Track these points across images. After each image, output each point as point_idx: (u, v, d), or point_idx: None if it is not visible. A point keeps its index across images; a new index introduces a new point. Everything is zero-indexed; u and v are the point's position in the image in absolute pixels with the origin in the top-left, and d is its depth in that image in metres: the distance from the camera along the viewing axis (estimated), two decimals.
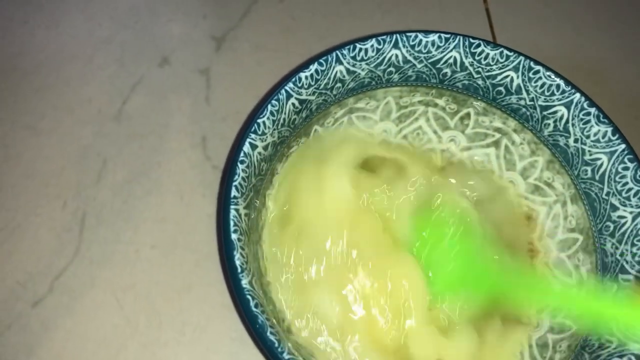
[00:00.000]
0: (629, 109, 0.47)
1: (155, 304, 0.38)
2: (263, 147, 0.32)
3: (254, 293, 0.28)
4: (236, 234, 0.29)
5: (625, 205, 0.33)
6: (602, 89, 0.47)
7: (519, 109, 0.37)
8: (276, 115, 0.33)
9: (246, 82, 0.46)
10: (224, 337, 0.37)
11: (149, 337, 0.37)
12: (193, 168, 0.42)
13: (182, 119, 0.44)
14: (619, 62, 0.50)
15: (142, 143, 0.43)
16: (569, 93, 0.35)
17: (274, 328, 0.28)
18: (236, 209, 0.30)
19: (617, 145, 0.34)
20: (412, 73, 0.37)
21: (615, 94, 0.48)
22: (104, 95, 0.45)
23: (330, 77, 0.34)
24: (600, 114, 0.34)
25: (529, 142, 0.38)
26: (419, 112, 0.40)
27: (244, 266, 0.29)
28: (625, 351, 0.29)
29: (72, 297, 0.38)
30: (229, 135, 0.43)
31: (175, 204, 0.41)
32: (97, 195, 0.41)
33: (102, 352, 0.36)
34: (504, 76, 0.36)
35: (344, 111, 0.38)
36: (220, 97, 0.45)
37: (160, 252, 0.39)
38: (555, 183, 0.37)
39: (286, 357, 0.27)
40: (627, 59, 0.50)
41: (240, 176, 0.30)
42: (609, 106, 0.35)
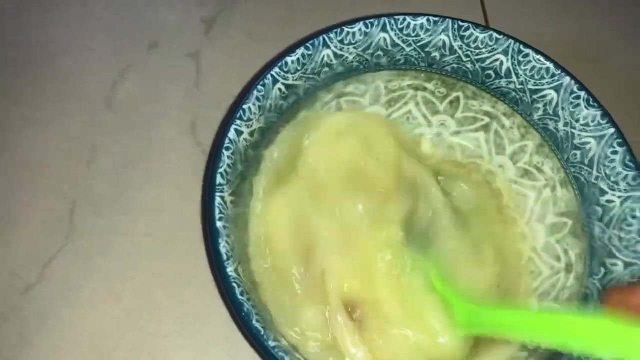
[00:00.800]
0: (628, 95, 0.47)
1: (154, 295, 0.37)
2: (249, 134, 0.32)
3: (240, 281, 0.28)
4: (222, 222, 0.29)
5: (613, 189, 0.33)
6: (600, 74, 0.47)
7: (509, 93, 0.36)
8: (262, 101, 0.32)
9: (237, 66, 0.45)
10: (223, 330, 0.36)
11: (148, 329, 0.36)
12: (183, 155, 0.42)
13: (171, 104, 0.44)
14: (618, 48, 0.49)
15: (132, 129, 0.43)
16: (559, 76, 0.34)
17: (260, 316, 0.28)
18: (222, 197, 0.29)
19: (606, 129, 0.33)
20: (401, 57, 0.36)
21: (613, 79, 0.47)
22: (93, 81, 0.44)
23: (317, 61, 0.34)
24: (590, 97, 0.34)
25: (519, 126, 0.37)
26: (408, 97, 0.39)
27: (229, 254, 0.28)
28: None
29: (67, 287, 0.37)
30: (219, 121, 0.43)
31: (168, 193, 0.41)
32: (87, 183, 0.41)
33: (100, 344, 0.36)
34: (494, 60, 0.35)
35: (333, 96, 0.37)
36: (210, 82, 0.45)
37: (156, 242, 0.39)
38: (545, 167, 0.37)
39: (271, 345, 0.27)
40: (626, 44, 0.49)
41: (226, 163, 0.30)
42: (608, 91, 0.34)
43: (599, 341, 0.25)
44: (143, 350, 0.36)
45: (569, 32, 0.50)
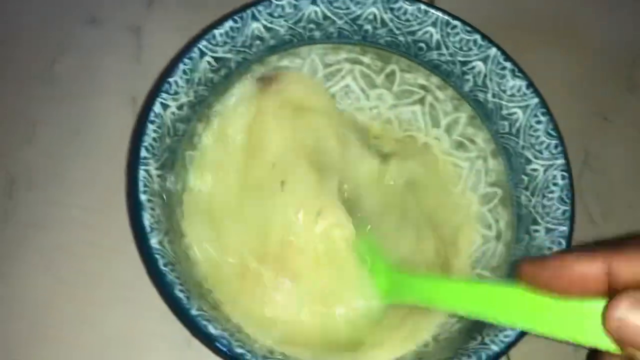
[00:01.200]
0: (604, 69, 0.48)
1: (88, 264, 0.38)
2: (177, 107, 0.32)
3: (164, 252, 0.29)
4: (146, 195, 0.29)
5: (537, 158, 0.34)
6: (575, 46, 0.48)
7: (440, 65, 0.37)
8: (190, 74, 0.32)
9: (179, 40, 0.45)
10: (156, 295, 0.37)
11: (83, 297, 0.37)
12: (124, 128, 0.42)
13: (111, 78, 0.43)
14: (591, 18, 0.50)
15: (72, 104, 0.43)
16: (485, 47, 0.35)
17: (184, 285, 0.28)
18: (146, 170, 0.30)
19: (531, 99, 0.34)
20: (334, 30, 0.36)
21: (588, 50, 0.48)
22: (31, 56, 0.44)
23: (247, 34, 0.34)
24: (515, 68, 0.34)
25: (452, 98, 0.38)
26: (345, 70, 0.40)
27: (153, 226, 0.29)
28: (482, 349, 0.30)
29: (2, 261, 0.38)
30: None
31: (106, 165, 0.41)
32: (26, 158, 0.41)
33: (35, 314, 0.37)
34: (424, 32, 0.36)
35: (268, 69, 0.38)
36: (151, 55, 0.44)
37: (92, 213, 0.39)
38: (477, 139, 0.38)
39: (194, 313, 0.27)
40: (598, 13, 0.50)
41: (151, 136, 0.30)
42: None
43: (516, 311, 0.26)
44: (78, 318, 0.36)
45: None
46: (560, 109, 0.35)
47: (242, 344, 0.27)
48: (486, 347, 0.29)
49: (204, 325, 0.27)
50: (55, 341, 0.36)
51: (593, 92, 0.47)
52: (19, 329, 0.36)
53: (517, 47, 0.37)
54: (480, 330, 0.30)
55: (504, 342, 0.28)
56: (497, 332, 0.29)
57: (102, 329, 0.36)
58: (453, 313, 0.33)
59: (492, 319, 0.27)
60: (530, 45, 0.47)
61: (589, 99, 0.47)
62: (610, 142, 0.46)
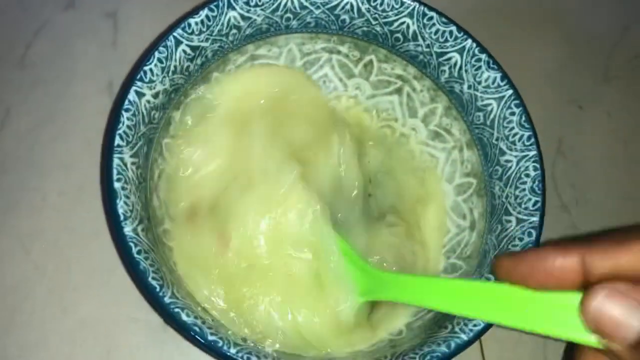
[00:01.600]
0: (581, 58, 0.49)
1: (63, 249, 0.38)
2: (152, 95, 0.32)
3: (138, 240, 0.29)
4: (120, 183, 0.29)
5: (511, 149, 0.34)
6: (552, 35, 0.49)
7: (417, 56, 0.37)
8: (165, 62, 0.32)
9: (156, 26, 0.44)
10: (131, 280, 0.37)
11: (58, 282, 0.37)
12: (99, 114, 0.41)
13: (88, 64, 0.43)
14: (569, 7, 0.50)
15: (47, 89, 0.42)
16: (461, 39, 0.35)
17: (157, 273, 0.28)
18: (120, 158, 0.30)
19: (505, 90, 0.35)
20: (311, 19, 0.36)
21: (565, 39, 0.49)
22: (6, 41, 0.43)
23: (223, 23, 0.34)
24: (490, 59, 0.35)
25: (429, 88, 0.38)
26: (323, 60, 0.40)
27: (127, 214, 0.29)
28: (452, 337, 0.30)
29: None
30: None
31: (81, 150, 0.40)
32: (1, 143, 0.40)
33: (9, 299, 0.36)
34: (400, 22, 0.36)
35: (245, 58, 0.37)
36: (127, 40, 0.44)
37: (67, 199, 0.39)
38: (453, 129, 0.38)
39: (167, 301, 0.28)
40: (577, 2, 0.51)
41: (125, 124, 0.30)
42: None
43: (491, 306, 0.27)
44: (53, 302, 0.36)
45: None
46: (535, 96, 0.36)
47: (215, 332, 0.28)
48: (456, 335, 0.29)
49: (176, 313, 0.27)
50: (30, 326, 0.36)
51: (569, 81, 0.48)
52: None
53: (495, 35, 0.38)
54: (451, 319, 0.31)
55: (473, 331, 0.29)
56: (467, 321, 0.30)
57: (77, 314, 0.36)
58: (427, 309, 0.34)
59: (467, 314, 0.28)
60: (508, 33, 0.48)
61: (565, 88, 0.48)
62: (584, 131, 0.46)
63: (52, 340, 0.36)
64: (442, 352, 0.28)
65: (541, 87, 0.47)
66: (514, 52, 0.45)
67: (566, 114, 0.47)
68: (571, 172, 0.45)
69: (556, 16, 0.50)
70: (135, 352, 0.36)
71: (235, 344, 0.27)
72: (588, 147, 0.46)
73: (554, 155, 0.45)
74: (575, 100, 0.47)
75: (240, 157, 0.36)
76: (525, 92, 0.35)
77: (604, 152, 0.46)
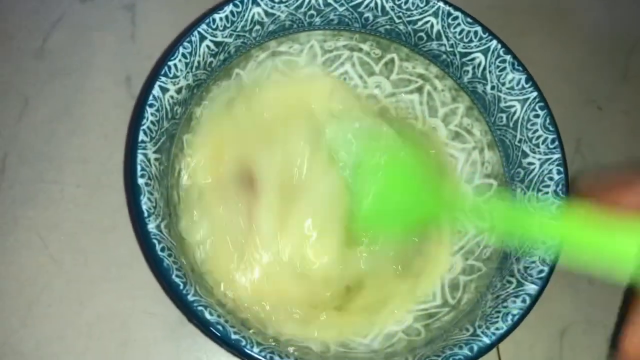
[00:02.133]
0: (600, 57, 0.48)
1: (80, 242, 0.38)
2: (176, 91, 0.32)
3: (161, 237, 0.29)
4: (143, 179, 0.29)
5: (534, 152, 0.34)
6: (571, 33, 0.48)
7: (440, 55, 0.37)
8: (189, 58, 0.32)
9: (174, 19, 0.44)
10: (149, 274, 0.37)
11: (75, 275, 0.37)
12: (117, 107, 0.41)
13: (106, 56, 0.43)
14: (589, 5, 0.50)
15: (65, 81, 0.42)
16: (486, 40, 0.35)
17: (181, 271, 0.28)
18: (144, 154, 0.29)
19: (529, 92, 0.34)
20: (334, 17, 0.36)
21: (585, 38, 0.49)
22: (24, 31, 0.43)
23: (247, 19, 0.34)
24: (515, 61, 0.35)
25: (450, 88, 0.38)
26: (344, 57, 0.39)
27: (151, 210, 0.29)
28: (521, 291, 0.31)
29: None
30: None
31: (99, 144, 0.40)
32: (18, 134, 0.40)
33: (27, 291, 0.36)
34: (424, 22, 0.36)
35: (267, 54, 0.37)
36: (146, 34, 0.44)
37: (84, 192, 0.39)
38: (474, 130, 0.38)
39: (190, 299, 0.28)
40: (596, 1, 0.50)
41: (149, 120, 0.30)
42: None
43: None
44: (69, 295, 0.36)
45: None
46: (553, 96, 0.35)
47: (238, 331, 0.28)
48: (478, 338, 0.29)
49: (200, 311, 0.27)
50: (47, 319, 0.36)
51: (588, 80, 0.48)
52: (11, 307, 0.36)
53: (513, 33, 0.37)
54: (472, 321, 0.31)
55: (496, 334, 0.29)
56: (489, 324, 0.30)
57: (94, 307, 0.36)
58: None
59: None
60: (527, 31, 0.48)
61: (583, 87, 0.47)
62: (603, 131, 0.46)
63: (68, 333, 0.36)
64: (465, 355, 0.28)
65: (560, 86, 0.47)
66: (532, 51, 0.44)
67: (585, 114, 0.47)
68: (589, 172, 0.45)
69: (575, 15, 0.50)
70: (152, 347, 0.36)
71: (258, 343, 0.27)
72: (607, 147, 0.46)
73: (572, 155, 0.44)
74: (594, 100, 0.47)
75: None
76: (543, 91, 0.35)
77: (622, 152, 0.46)
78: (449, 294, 0.36)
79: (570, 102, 0.46)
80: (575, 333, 0.39)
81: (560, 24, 0.49)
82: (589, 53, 0.49)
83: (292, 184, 0.35)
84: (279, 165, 0.35)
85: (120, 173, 0.39)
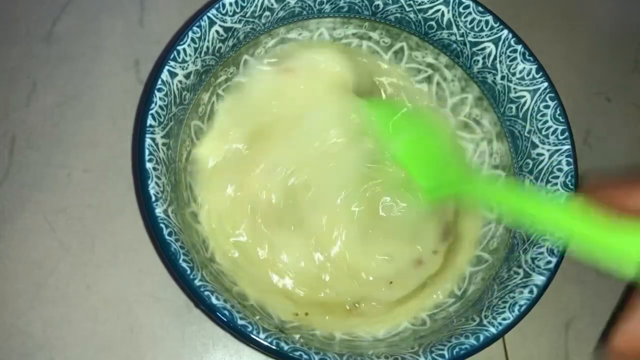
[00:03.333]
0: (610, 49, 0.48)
1: (87, 226, 0.38)
2: (184, 76, 0.32)
3: (169, 222, 0.29)
4: (151, 163, 0.29)
5: (544, 142, 0.34)
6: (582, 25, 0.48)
7: (450, 45, 0.36)
8: (198, 43, 0.32)
9: (182, 3, 0.44)
10: (156, 259, 0.37)
11: (82, 258, 0.37)
12: (126, 92, 0.41)
13: (114, 41, 0.43)
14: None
15: (73, 65, 0.42)
16: (497, 29, 0.34)
17: (188, 255, 0.28)
18: (152, 138, 0.29)
19: (540, 83, 0.34)
20: (344, 4, 0.36)
21: (595, 30, 0.48)
22: (33, 15, 0.43)
23: (257, 4, 0.33)
24: (526, 51, 0.34)
25: (460, 78, 0.38)
26: (353, 45, 0.39)
27: (158, 195, 0.29)
28: (529, 282, 0.31)
29: (1, 220, 0.38)
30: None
31: (107, 128, 0.40)
32: (27, 118, 0.40)
33: (34, 274, 0.37)
34: (435, 10, 0.35)
35: (276, 41, 0.37)
36: (154, 19, 0.44)
37: (92, 176, 0.39)
38: (483, 120, 0.38)
39: (197, 284, 0.28)
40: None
41: (158, 104, 0.30)
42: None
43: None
44: (76, 278, 0.36)
45: None
46: (563, 87, 0.35)
47: (244, 316, 0.28)
48: (484, 328, 0.29)
49: (207, 296, 0.27)
50: (54, 302, 0.36)
51: (597, 72, 0.47)
52: (19, 290, 0.36)
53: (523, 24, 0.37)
54: (479, 311, 0.31)
55: (502, 325, 0.29)
56: (496, 314, 0.30)
57: (101, 291, 0.37)
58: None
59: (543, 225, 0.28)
60: (537, 22, 0.47)
61: (593, 79, 0.47)
62: (612, 123, 0.46)
63: (75, 317, 0.36)
64: (471, 344, 0.28)
65: (569, 77, 0.46)
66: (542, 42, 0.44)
67: (594, 106, 0.46)
68: (598, 164, 0.44)
69: (586, 7, 0.49)
70: (158, 331, 0.36)
71: (264, 329, 0.27)
72: (615, 139, 0.45)
73: (580, 146, 0.44)
74: (603, 92, 0.47)
75: None
76: (553, 82, 0.34)
77: (631, 144, 0.45)
78: (455, 285, 0.36)
79: (579, 93, 0.46)
80: (581, 325, 0.39)
81: (570, 16, 0.49)
82: (599, 45, 0.48)
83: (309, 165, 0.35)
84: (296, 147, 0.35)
85: (128, 157, 0.39)
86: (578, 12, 0.49)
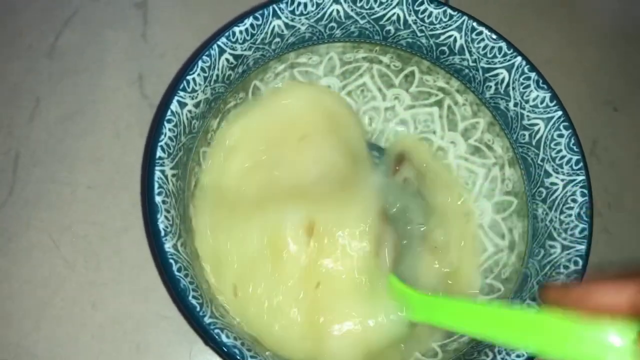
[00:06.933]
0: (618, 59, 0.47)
1: (92, 244, 0.37)
2: (194, 105, 0.31)
3: (178, 256, 0.28)
4: (161, 197, 0.28)
5: (557, 172, 0.33)
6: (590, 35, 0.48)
7: (462, 70, 0.36)
8: (208, 72, 0.31)
9: (185, 17, 0.44)
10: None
11: (87, 277, 0.37)
12: (129, 106, 0.41)
13: (117, 55, 0.43)
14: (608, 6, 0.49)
15: (76, 80, 0.42)
16: (511, 56, 0.34)
17: (197, 292, 0.28)
18: (162, 170, 0.29)
19: (554, 111, 0.34)
20: (355, 29, 0.35)
21: (604, 40, 0.48)
22: (36, 30, 0.43)
23: (267, 31, 0.33)
24: (540, 79, 0.34)
25: (471, 103, 0.37)
26: (363, 69, 0.39)
27: (167, 229, 0.28)
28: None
29: (6, 238, 0.37)
30: (166, 73, 0.42)
31: (111, 143, 0.40)
32: (30, 134, 0.40)
33: (39, 293, 0.36)
34: (447, 36, 0.35)
35: (285, 66, 0.37)
36: (157, 33, 0.43)
37: (96, 192, 0.39)
38: (495, 145, 0.37)
39: (207, 321, 0.27)
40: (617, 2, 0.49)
41: (167, 136, 0.29)
42: None
43: (531, 335, 0.26)
44: (82, 297, 0.36)
45: None
46: (570, 96, 0.35)
47: (254, 354, 0.27)
48: None
49: (217, 334, 0.27)
50: (59, 321, 0.36)
51: (604, 82, 0.47)
52: (24, 309, 0.36)
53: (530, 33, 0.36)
54: (492, 346, 0.30)
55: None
56: (510, 351, 0.29)
57: (106, 310, 0.36)
58: (464, 334, 0.33)
59: (510, 343, 0.27)
60: (544, 31, 0.47)
61: (600, 89, 0.46)
62: (619, 133, 0.45)
63: (81, 336, 0.36)
64: None
65: (576, 87, 0.46)
66: (549, 50, 0.44)
67: (601, 116, 0.46)
68: (605, 174, 0.44)
69: (593, 16, 0.49)
70: (165, 350, 0.36)
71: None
72: (622, 149, 0.45)
73: (587, 157, 0.44)
74: (610, 101, 0.46)
75: None
76: (559, 91, 0.34)
77: (638, 154, 0.45)
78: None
79: (586, 103, 0.46)
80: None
81: (578, 24, 0.48)
82: (606, 54, 0.48)
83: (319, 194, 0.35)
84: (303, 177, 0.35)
85: (133, 172, 0.39)
86: (585, 20, 0.49)
